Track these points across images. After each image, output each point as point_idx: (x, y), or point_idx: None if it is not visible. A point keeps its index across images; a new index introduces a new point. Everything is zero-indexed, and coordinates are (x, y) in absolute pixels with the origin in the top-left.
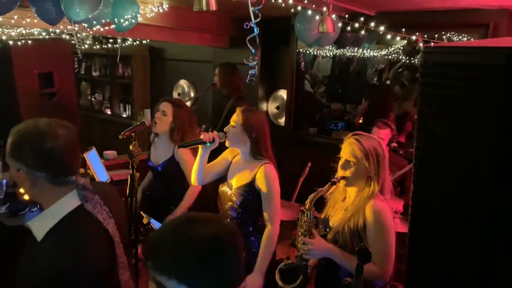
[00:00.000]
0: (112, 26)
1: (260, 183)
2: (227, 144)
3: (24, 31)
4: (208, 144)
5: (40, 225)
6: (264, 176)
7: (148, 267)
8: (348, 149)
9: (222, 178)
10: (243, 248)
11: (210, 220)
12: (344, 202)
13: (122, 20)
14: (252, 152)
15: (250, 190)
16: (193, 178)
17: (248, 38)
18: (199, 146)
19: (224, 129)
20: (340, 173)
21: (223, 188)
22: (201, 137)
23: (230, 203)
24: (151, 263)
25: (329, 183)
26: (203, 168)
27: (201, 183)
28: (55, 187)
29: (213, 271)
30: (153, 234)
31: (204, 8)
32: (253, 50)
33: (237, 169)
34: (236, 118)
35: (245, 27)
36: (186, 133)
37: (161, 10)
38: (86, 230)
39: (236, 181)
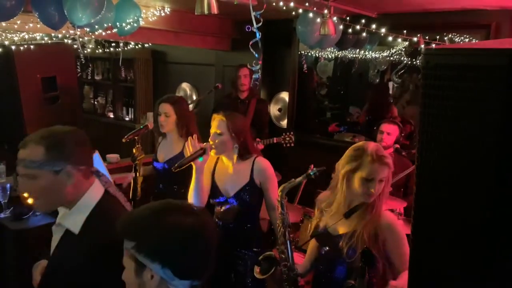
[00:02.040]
0: (115, 30)
1: (260, 176)
2: (212, 153)
3: (26, 36)
4: (201, 158)
5: (74, 220)
6: (262, 168)
7: (128, 245)
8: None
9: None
10: (216, 238)
11: (189, 210)
12: (333, 207)
13: (124, 24)
14: (241, 155)
15: (250, 189)
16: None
17: (250, 43)
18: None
19: (210, 139)
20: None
21: (217, 199)
22: (190, 152)
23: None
24: (133, 244)
25: (304, 175)
26: (201, 188)
27: (201, 206)
28: (85, 180)
29: (195, 258)
30: (132, 215)
31: (206, 11)
32: (256, 55)
33: (228, 176)
34: (220, 125)
35: (247, 30)
36: (189, 124)
37: (163, 14)
38: (116, 211)
39: (232, 187)
